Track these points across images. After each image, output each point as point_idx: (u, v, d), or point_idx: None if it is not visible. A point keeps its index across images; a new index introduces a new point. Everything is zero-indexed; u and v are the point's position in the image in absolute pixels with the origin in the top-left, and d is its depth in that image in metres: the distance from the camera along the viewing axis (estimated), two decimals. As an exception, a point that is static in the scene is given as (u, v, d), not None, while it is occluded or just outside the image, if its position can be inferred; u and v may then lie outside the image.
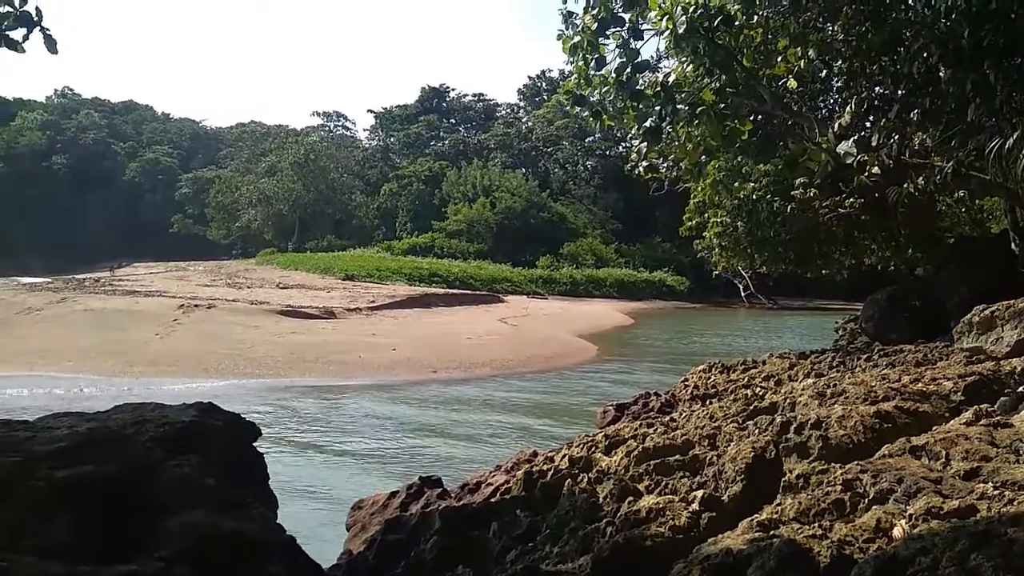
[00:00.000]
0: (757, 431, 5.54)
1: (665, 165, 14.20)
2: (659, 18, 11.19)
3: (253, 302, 30.68)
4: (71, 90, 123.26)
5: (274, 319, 26.71)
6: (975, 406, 5.38)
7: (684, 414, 7.81)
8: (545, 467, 6.48)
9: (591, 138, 77.72)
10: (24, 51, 5.69)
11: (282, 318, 27.15)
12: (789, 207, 15.65)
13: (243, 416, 4.75)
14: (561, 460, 6.52)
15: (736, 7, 11.01)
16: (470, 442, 12.99)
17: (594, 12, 11.18)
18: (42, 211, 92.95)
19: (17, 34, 5.62)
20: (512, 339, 26.84)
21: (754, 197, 16.19)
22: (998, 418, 4.97)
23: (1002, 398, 5.68)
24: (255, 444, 4.77)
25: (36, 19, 5.64)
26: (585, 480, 5.59)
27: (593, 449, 6.55)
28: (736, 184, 16.33)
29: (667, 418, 7.79)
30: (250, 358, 19.43)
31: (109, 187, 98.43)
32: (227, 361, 18.92)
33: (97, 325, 22.69)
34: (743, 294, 56.87)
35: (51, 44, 5.72)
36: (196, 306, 27.34)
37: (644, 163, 12.92)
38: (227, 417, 4.57)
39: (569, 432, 11.65)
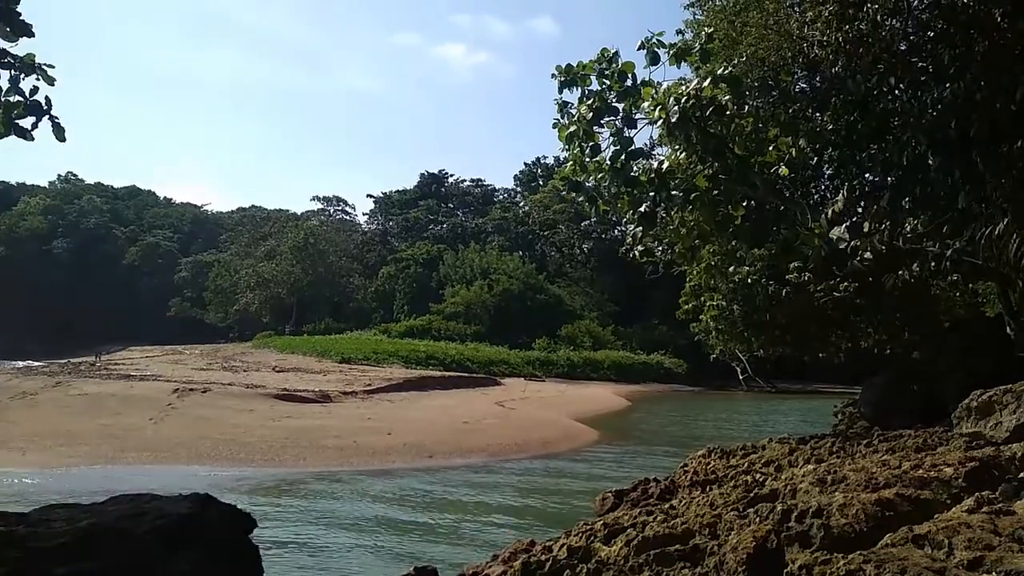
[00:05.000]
0: (758, 519, 5.48)
1: (660, 248, 14.39)
2: (652, 108, 11.53)
3: (249, 386, 30.50)
4: (74, 175, 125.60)
5: (269, 403, 26.50)
6: (976, 493, 5.34)
7: (684, 501, 7.71)
8: (543, 557, 6.36)
9: (587, 222, 78.62)
10: (33, 139, 5.83)
11: (277, 402, 26.95)
12: (784, 291, 15.75)
13: (238, 507, 4.69)
14: (559, 550, 6.41)
15: (727, 97, 11.35)
16: (466, 530, 12.74)
17: (589, 102, 11.54)
18: (41, 295, 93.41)
19: (26, 122, 5.77)
20: (509, 423, 26.58)
21: (749, 281, 16.32)
22: (1000, 505, 4.94)
23: (1003, 484, 5.64)
24: (250, 536, 4.71)
25: (46, 108, 5.80)
26: (584, 571, 5.49)
27: (592, 538, 6.45)
28: (731, 268, 16.47)
29: (667, 505, 7.69)
30: (244, 443, 19.19)
31: (108, 271, 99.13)
32: (221, 447, 18.68)
33: (91, 410, 22.49)
34: (741, 377, 56.69)
35: (59, 132, 5.87)
36: (191, 390, 27.16)
37: (639, 247, 13.11)
38: (223, 508, 4.53)
39: (567, 520, 11.46)
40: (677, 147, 11.80)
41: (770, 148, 12.15)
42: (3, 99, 5.79)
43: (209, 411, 23.63)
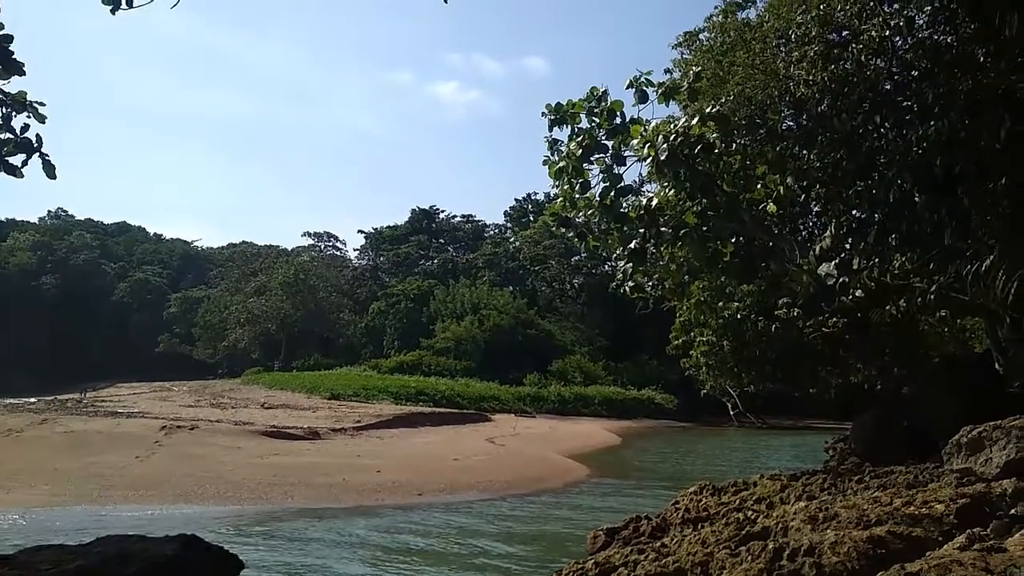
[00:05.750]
0: (750, 558, 5.44)
1: (650, 284, 14.44)
2: (641, 145, 11.65)
3: (236, 423, 30.26)
4: (65, 211, 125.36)
5: (257, 440, 26.26)
6: (968, 530, 5.33)
7: (676, 539, 7.65)
8: (534, 597, 6.30)
9: (577, 257, 78.83)
10: (23, 176, 5.82)
11: (265, 439, 26.70)
12: (774, 326, 15.82)
13: (224, 548, 4.64)
14: (551, 589, 6.35)
15: (715, 135, 11.48)
16: (456, 568, 12.59)
17: (579, 140, 11.65)
18: (29, 331, 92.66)
19: (16, 159, 5.77)
20: (499, 460, 26.40)
21: (739, 316, 16.39)
22: (992, 542, 4.92)
23: (995, 521, 5.63)
24: (237, 576, 4.65)
25: (36, 146, 5.80)
26: (576, 611, 5.43)
27: (583, 577, 6.39)
28: (720, 304, 16.55)
29: (659, 543, 7.63)
30: (231, 481, 18.99)
31: (97, 307, 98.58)
32: (207, 484, 18.48)
33: (77, 447, 22.24)
34: (732, 412, 56.47)
35: (50, 170, 5.87)
36: (178, 427, 26.91)
37: (630, 283, 13.15)
38: (210, 550, 4.47)
39: (558, 559, 11.34)
40: (666, 184, 11.89)
41: (758, 185, 12.27)
42: (-6, 137, 5.80)
43: (196, 449, 23.39)
